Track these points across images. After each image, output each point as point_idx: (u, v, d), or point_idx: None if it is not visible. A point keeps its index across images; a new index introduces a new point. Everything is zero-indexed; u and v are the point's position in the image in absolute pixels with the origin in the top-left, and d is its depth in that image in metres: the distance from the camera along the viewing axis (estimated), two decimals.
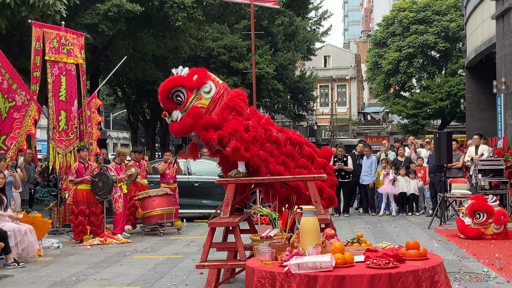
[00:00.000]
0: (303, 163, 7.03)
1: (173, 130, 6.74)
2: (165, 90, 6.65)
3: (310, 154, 7.16)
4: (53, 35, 12.46)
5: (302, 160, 7.04)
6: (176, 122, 6.62)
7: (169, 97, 6.62)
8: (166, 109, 6.65)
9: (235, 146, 6.37)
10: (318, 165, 7.16)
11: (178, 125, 6.62)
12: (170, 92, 6.62)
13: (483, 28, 21.29)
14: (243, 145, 6.40)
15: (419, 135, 38.20)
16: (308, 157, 7.13)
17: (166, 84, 6.68)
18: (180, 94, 6.59)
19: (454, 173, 14.48)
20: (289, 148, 6.97)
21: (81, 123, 13.06)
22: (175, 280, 7.93)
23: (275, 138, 6.88)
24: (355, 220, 14.71)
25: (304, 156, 7.08)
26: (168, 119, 6.72)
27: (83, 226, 11.73)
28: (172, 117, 6.63)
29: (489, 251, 9.52)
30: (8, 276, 8.52)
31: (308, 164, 7.06)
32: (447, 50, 39.01)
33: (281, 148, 6.89)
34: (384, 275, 4.06)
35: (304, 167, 7.01)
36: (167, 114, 6.64)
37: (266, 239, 5.47)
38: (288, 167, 6.85)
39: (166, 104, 6.64)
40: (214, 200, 14.49)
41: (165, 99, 6.64)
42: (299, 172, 6.91)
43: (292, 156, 6.97)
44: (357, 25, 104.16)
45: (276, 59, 32.85)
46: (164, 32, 20.32)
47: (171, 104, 6.62)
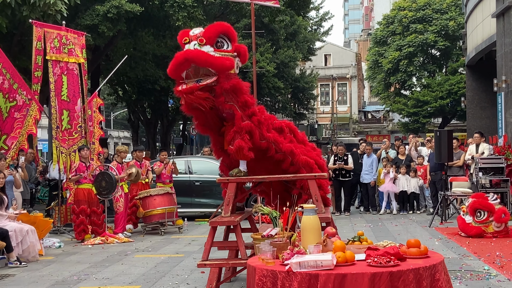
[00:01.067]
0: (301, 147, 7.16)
1: (202, 56, 6.07)
2: (222, 27, 6.26)
3: (302, 140, 7.35)
4: (54, 34, 12.48)
5: (299, 145, 7.17)
6: (206, 53, 6.10)
7: (218, 34, 6.21)
8: (205, 37, 6.12)
9: (239, 145, 6.37)
10: (311, 148, 7.41)
11: (212, 58, 6.07)
12: (224, 32, 6.25)
13: (483, 26, 21.30)
14: (247, 144, 6.41)
15: (419, 134, 38.19)
16: (302, 142, 7.29)
17: (225, 24, 6.33)
18: (224, 42, 6.26)
19: (455, 171, 14.48)
20: (289, 136, 7.07)
21: (84, 122, 13.09)
22: (177, 279, 7.94)
23: (279, 125, 6.92)
24: (356, 218, 14.72)
25: (299, 141, 7.22)
26: (192, 45, 6.16)
27: (84, 226, 11.74)
28: (203, 48, 6.11)
29: (490, 249, 9.53)
30: (10, 276, 8.53)
31: (304, 147, 7.21)
32: (447, 49, 39.01)
33: (285, 135, 6.96)
34: (385, 274, 4.07)
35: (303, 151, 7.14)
36: (204, 40, 6.12)
37: (267, 237, 5.48)
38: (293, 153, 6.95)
39: (210, 34, 6.15)
40: (215, 199, 14.49)
41: (215, 32, 6.19)
42: (302, 152, 7.03)
43: (293, 143, 7.08)
44: (357, 23, 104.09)
45: (277, 57, 32.83)
46: (164, 32, 20.32)
47: (212, 40, 6.17)
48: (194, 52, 6.07)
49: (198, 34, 6.18)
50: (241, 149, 6.38)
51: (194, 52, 6.06)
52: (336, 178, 15.55)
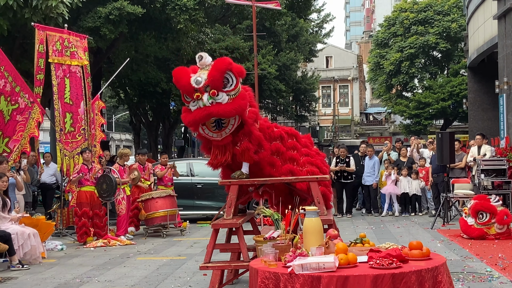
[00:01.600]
0: (306, 152, 7.25)
1: (223, 111, 6.10)
2: (225, 68, 6.17)
3: (305, 143, 7.38)
4: (56, 37, 12.51)
5: (304, 150, 7.26)
6: (223, 104, 6.11)
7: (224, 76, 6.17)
8: (215, 87, 6.09)
9: (246, 146, 6.39)
10: (315, 152, 7.43)
11: (231, 106, 6.10)
12: (226, 71, 6.18)
13: (485, 28, 21.30)
14: (254, 147, 6.43)
15: (421, 135, 38.17)
16: (305, 146, 7.33)
17: (224, 63, 6.20)
18: (229, 77, 6.19)
19: (457, 173, 14.47)
20: (291, 142, 7.10)
21: (87, 124, 13.12)
22: (179, 282, 7.95)
23: (279, 134, 6.98)
24: (358, 220, 14.72)
25: (301, 145, 7.27)
26: (207, 100, 6.10)
27: (86, 228, 11.76)
28: (217, 98, 6.10)
29: (492, 251, 9.52)
30: (12, 278, 8.54)
31: (309, 151, 7.29)
32: (448, 50, 39.00)
33: (286, 143, 7.01)
34: (387, 275, 4.07)
35: (306, 154, 7.23)
36: (216, 92, 6.07)
37: (269, 240, 5.48)
38: (295, 161, 7.04)
39: (218, 82, 6.10)
40: (217, 201, 14.51)
41: (221, 78, 6.12)
42: (308, 160, 7.12)
43: (296, 148, 7.16)
44: (359, 25, 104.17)
45: (279, 59, 32.85)
46: (166, 34, 20.33)
47: (222, 84, 6.14)
48: (216, 109, 6.10)
49: (204, 84, 6.10)
50: (247, 150, 6.41)
51: (217, 109, 6.10)
52: (338, 180, 15.55)
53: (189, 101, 6.22)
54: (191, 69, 6.32)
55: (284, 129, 7.24)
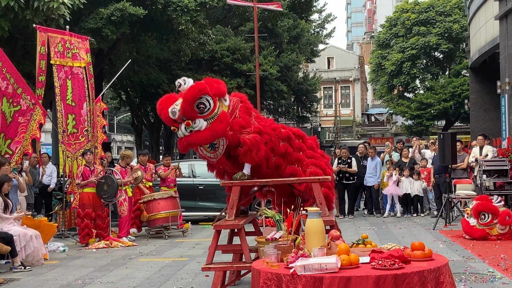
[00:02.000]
0: (311, 154, 7.26)
1: (200, 139, 6.22)
2: (194, 97, 6.18)
3: (311, 145, 7.40)
4: (57, 39, 12.52)
5: (309, 151, 7.27)
6: (199, 132, 6.20)
7: (195, 105, 6.20)
8: (189, 117, 6.17)
9: (249, 147, 6.42)
10: (320, 155, 7.43)
11: (207, 133, 6.19)
12: (198, 98, 6.21)
13: (486, 28, 21.29)
14: (255, 148, 6.45)
15: (423, 136, 38.12)
16: (311, 148, 7.34)
17: (193, 91, 6.22)
18: (205, 102, 6.24)
19: (459, 174, 14.46)
20: (298, 142, 7.12)
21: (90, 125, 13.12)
22: (181, 283, 7.95)
23: (286, 135, 6.99)
24: (360, 221, 14.71)
25: (307, 147, 7.28)
26: (185, 130, 6.25)
27: (89, 229, 11.76)
28: (194, 126, 6.21)
29: (494, 252, 9.51)
30: (14, 280, 8.54)
31: (313, 154, 7.30)
32: (450, 51, 38.95)
33: (293, 143, 7.04)
34: (390, 276, 4.07)
35: (311, 156, 7.24)
36: (190, 123, 6.18)
37: (271, 241, 5.48)
38: (300, 162, 7.07)
39: (191, 112, 6.17)
40: (219, 203, 14.50)
41: (192, 107, 6.16)
42: (313, 162, 7.13)
43: (302, 150, 7.18)
44: (360, 26, 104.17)
45: (280, 60, 32.86)
46: (167, 35, 20.34)
47: (195, 113, 6.22)
48: (193, 138, 6.26)
49: (178, 115, 6.18)
50: (249, 152, 6.42)
51: (194, 138, 6.26)
52: (339, 181, 15.54)
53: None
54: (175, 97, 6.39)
55: (291, 129, 7.27)
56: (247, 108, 6.70)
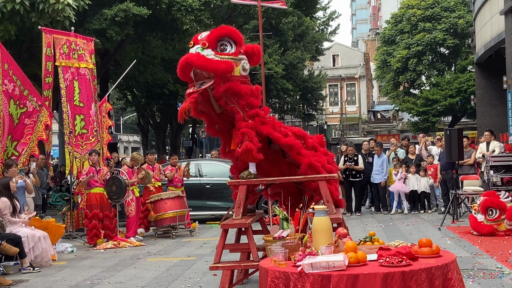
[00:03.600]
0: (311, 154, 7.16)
1: (200, 60, 6.24)
2: (223, 31, 6.39)
3: (313, 145, 7.34)
4: (63, 40, 12.54)
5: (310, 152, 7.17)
6: (204, 56, 6.25)
7: (219, 38, 6.34)
8: (207, 40, 6.30)
9: (247, 147, 6.38)
10: (322, 153, 7.38)
11: (208, 61, 6.22)
12: (225, 35, 6.37)
13: (491, 23, 21.23)
14: (256, 146, 6.42)
15: (429, 133, 38.03)
16: (312, 148, 7.28)
17: (226, 27, 6.48)
18: (228, 45, 6.38)
19: (466, 170, 14.41)
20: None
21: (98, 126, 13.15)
22: (189, 282, 7.96)
23: (285, 133, 6.93)
24: (367, 219, 14.70)
25: (308, 147, 7.20)
26: (195, 48, 6.35)
27: (97, 230, 11.79)
28: (203, 51, 6.28)
29: (503, 247, 9.49)
30: (23, 281, 8.58)
31: (314, 154, 7.21)
32: (456, 47, 38.86)
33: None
34: (397, 273, 4.07)
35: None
36: (206, 44, 6.27)
37: (279, 239, 5.49)
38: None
39: (211, 39, 6.31)
40: (226, 202, 14.51)
41: (215, 37, 6.33)
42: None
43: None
44: (365, 23, 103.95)
45: (285, 58, 32.85)
46: (172, 35, 20.38)
47: (214, 44, 6.32)
48: (192, 56, 6.28)
49: (203, 38, 6.35)
50: (249, 151, 6.39)
51: (193, 56, 6.28)
52: (346, 178, 15.53)
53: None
54: None
55: (291, 129, 7.20)
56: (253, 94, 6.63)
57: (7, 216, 9.48)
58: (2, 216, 9.46)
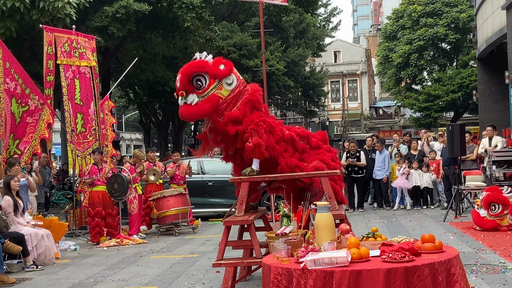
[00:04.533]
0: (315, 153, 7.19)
1: (186, 113, 6.49)
2: (189, 72, 6.46)
3: (317, 144, 7.33)
4: (64, 39, 12.55)
5: (313, 151, 7.20)
6: (191, 105, 6.43)
7: (190, 79, 6.44)
8: (184, 89, 6.43)
9: (257, 142, 6.40)
10: (325, 150, 7.37)
11: (194, 109, 6.42)
12: (193, 74, 6.44)
13: (493, 18, 21.18)
14: (265, 142, 6.43)
15: (432, 128, 38.01)
16: (316, 147, 7.28)
17: (191, 66, 6.52)
18: (202, 79, 6.44)
19: (468, 165, 14.40)
20: (302, 144, 7.05)
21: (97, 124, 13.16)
22: (192, 279, 7.97)
23: (289, 136, 6.92)
24: (370, 215, 14.69)
25: (312, 147, 7.18)
26: (181, 100, 6.49)
27: (99, 228, 11.81)
28: (187, 99, 6.42)
29: (506, 242, 9.48)
30: (27, 279, 8.59)
31: (319, 152, 7.23)
32: (457, 42, 38.77)
33: (296, 145, 6.95)
34: (400, 269, 4.06)
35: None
36: (184, 94, 6.42)
37: (281, 236, 5.49)
38: (302, 165, 6.94)
39: (185, 85, 6.43)
40: (228, 199, 14.51)
41: (186, 81, 6.44)
42: (315, 164, 7.02)
43: (306, 151, 7.09)
44: (366, 19, 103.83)
45: (287, 55, 32.83)
46: (173, 33, 20.37)
47: (190, 87, 6.43)
48: (181, 110, 6.57)
49: (179, 87, 6.50)
50: (258, 146, 6.41)
51: (181, 110, 6.57)
52: (348, 175, 15.52)
53: None
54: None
55: (295, 130, 7.18)
56: (251, 101, 6.64)
57: (11, 215, 9.49)
58: (6, 215, 9.47)
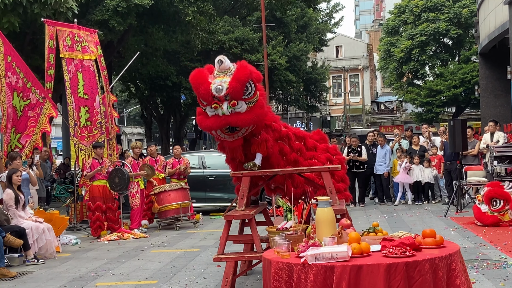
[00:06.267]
0: (310, 155, 7.22)
1: (242, 121, 6.05)
2: (246, 78, 6.05)
3: (313, 145, 7.32)
4: (66, 32, 12.53)
5: (309, 153, 7.22)
6: (242, 113, 6.05)
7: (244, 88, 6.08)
8: (235, 98, 5.98)
9: (265, 137, 6.45)
10: (322, 150, 7.38)
11: (250, 116, 6.07)
12: (247, 81, 6.09)
13: (495, 13, 21.12)
14: (272, 138, 6.47)
15: (433, 123, 37.94)
16: (312, 148, 7.29)
17: (245, 72, 6.06)
18: (248, 85, 6.10)
19: (470, 161, 14.39)
20: (298, 144, 7.08)
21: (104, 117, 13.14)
22: (193, 274, 7.98)
23: (285, 134, 6.95)
24: (371, 210, 14.69)
25: (308, 148, 7.18)
26: (227, 109, 6.00)
27: (100, 222, 11.81)
28: (237, 108, 6.05)
29: (507, 238, 9.48)
30: (28, 273, 8.60)
31: (314, 154, 7.25)
32: (459, 37, 38.66)
33: (292, 144, 6.98)
34: (401, 264, 4.06)
35: (312, 157, 7.20)
36: (236, 103, 5.97)
37: (282, 230, 5.48)
38: (299, 164, 7.00)
39: (239, 93, 5.99)
40: (229, 193, 14.49)
41: (243, 88, 6.02)
42: (310, 163, 7.06)
43: (301, 151, 7.12)
44: (368, 14, 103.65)
45: (289, 50, 32.79)
46: (175, 27, 20.34)
47: (242, 94, 6.05)
48: (235, 119, 6.04)
49: (224, 93, 5.97)
50: (265, 141, 6.44)
51: (235, 119, 6.04)
52: (350, 170, 15.50)
53: (206, 105, 6.11)
54: (207, 70, 6.23)
55: (292, 130, 7.19)
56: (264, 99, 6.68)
57: (13, 208, 9.50)
58: (7, 208, 9.48)
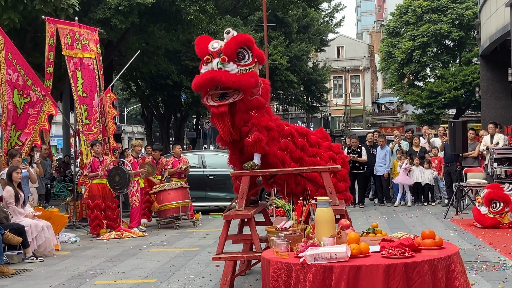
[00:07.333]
0: (313, 151, 7.19)
1: (226, 78, 6.16)
2: (242, 41, 6.30)
3: (316, 141, 7.31)
4: (66, 30, 12.52)
5: (312, 149, 7.19)
6: (230, 73, 6.19)
7: (238, 48, 6.27)
8: (227, 55, 6.17)
9: (257, 137, 6.38)
10: (326, 148, 7.36)
11: (236, 77, 6.18)
12: (244, 44, 6.31)
13: (497, 15, 21.12)
14: (266, 138, 6.43)
15: (434, 125, 37.93)
16: (315, 144, 7.27)
17: (245, 36, 6.40)
18: (245, 53, 6.33)
19: (470, 163, 14.38)
20: (301, 140, 7.05)
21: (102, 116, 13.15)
22: (192, 273, 7.97)
23: (289, 132, 6.94)
24: (371, 210, 14.69)
25: (311, 144, 7.17)
26: (216, 65, 6.21)
27: (99, 220, 11.81)
28: (227, 66, 6.20)
29: (506, 240, 9.47)
30: (26, 271, 8.60)
31: (317, 151, 7.23)
32: (461, 39, 38.67)
33: (296, 141, 6.95)
34: (400, 265, 4.05)
35: (315, 155, 7.17)
36: (226, 59, 6.15)
37: (281, 230, 5.48)
38: (302, 161, 6.94)
39: (232, 51, 6.20)
40: (229, 193, 14.47)
41: (236, 48, 6.25)
42: (313, 161, 7.02)
43: (304, 148, 7.09)
44: (370, 15, 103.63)
45: (290, 50, 32.79)
46: (176, 26, 20.34)
47: (234, 56, 6.24)
48: (220, 74, 6.18)
49: (218, 49, 6.24)
50: (258, 141, 6.40)
51: (221, 74, 6.18)
52: (350, 170, 15.44)
53: (201, 63, 6.35)
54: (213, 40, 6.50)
55: (294, 127, 7.19)
56: (267, 92, 6.67)
57: (12, 205, 9.50)
58: (7, 205, 9.48)
